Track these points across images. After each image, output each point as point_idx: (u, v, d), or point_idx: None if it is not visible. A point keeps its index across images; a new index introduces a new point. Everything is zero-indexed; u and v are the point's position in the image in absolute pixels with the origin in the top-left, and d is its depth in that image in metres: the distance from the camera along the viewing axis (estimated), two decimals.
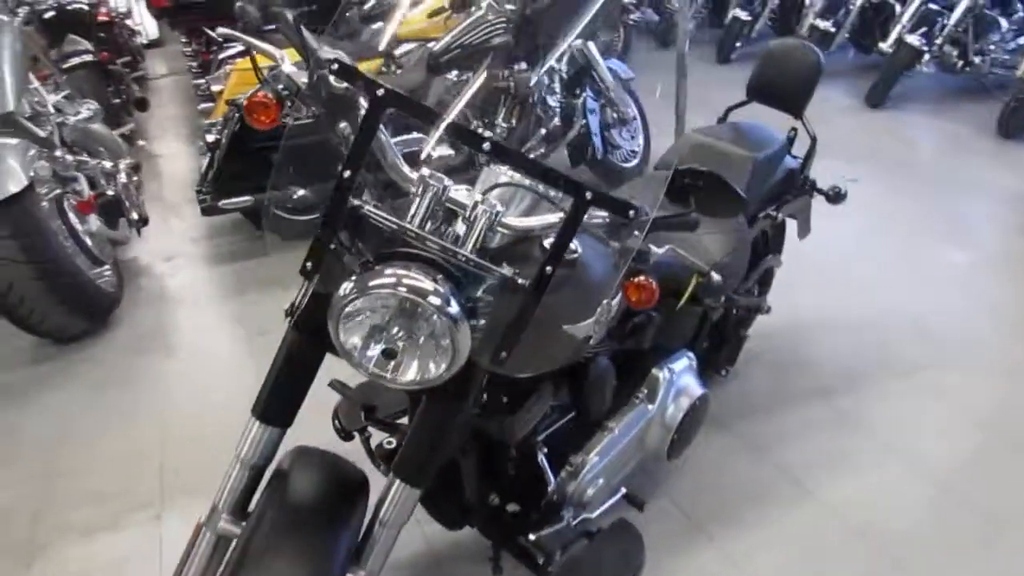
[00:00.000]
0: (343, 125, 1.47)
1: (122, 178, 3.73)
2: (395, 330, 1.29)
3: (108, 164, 3.83)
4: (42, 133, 3.42)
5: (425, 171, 1.41)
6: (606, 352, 1.85)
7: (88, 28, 6.09)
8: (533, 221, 1.41)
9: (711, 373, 2.46)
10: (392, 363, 1.30)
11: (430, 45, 4.14)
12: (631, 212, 1.34)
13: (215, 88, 4.74)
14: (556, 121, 4.23)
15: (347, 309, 1.26)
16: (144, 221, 3.70)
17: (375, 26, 5.14)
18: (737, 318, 2.53)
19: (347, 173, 1.31)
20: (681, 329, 2.17)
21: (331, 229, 1.33)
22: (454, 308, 1.25)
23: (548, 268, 1.31)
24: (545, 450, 1.82)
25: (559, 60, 4.31)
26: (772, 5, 7.23)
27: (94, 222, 3.25)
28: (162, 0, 5.86)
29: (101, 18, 6.54)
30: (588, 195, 1.29)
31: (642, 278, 1.45)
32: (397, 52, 4.49)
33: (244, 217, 4.10)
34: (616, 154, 4.54)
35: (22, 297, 2.86)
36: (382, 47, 4.31)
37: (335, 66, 1.31)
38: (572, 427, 1.90)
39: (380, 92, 1.27)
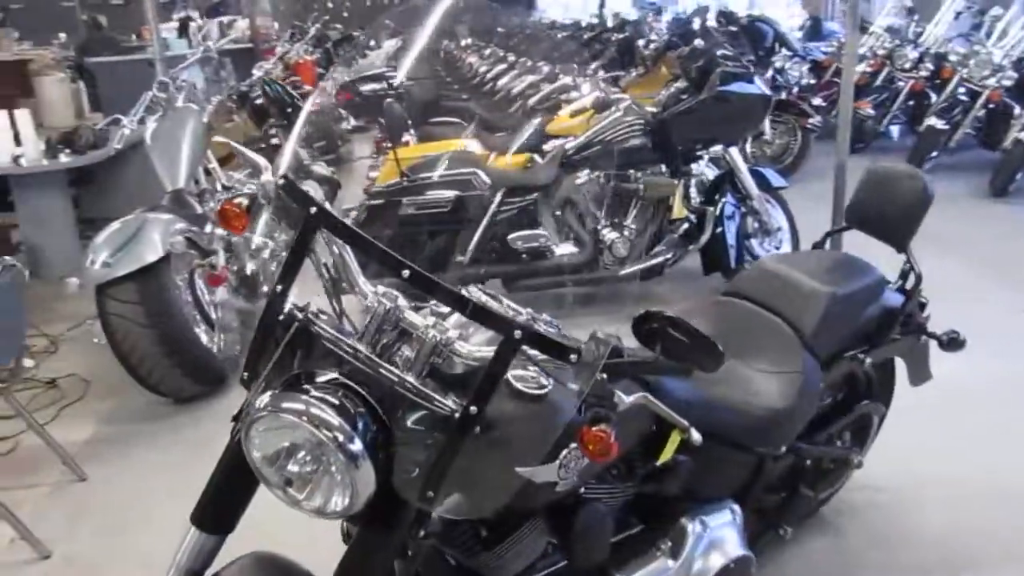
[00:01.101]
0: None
1: (265, 255, 4.03)
2: (302, 454, 1.23)
3: (259, 240, 4.15)
4: (199, 209, 3.79)
5: (380, 288, 1.36)
6: (614, 495, 1.67)
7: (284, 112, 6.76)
8: (488, 351, 1.31)
9: (768, 532, 2.15)
10: (292, 488, 1.24)
11: (566, 142, 4.17)
12: (573, 356, 1.21)
13: (372, 175, 5.05)
14: (686, 226, 4.06)
15: (255, 425, 1.23)
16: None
17: (535, 120, 5.29)
18: (812, 471, 2.21)
19: (279, 288, 1.29)
20: (726, 476, 1.92)
21: (262, 342, 1.31)
22: (356, 446, 1.18)
23: (472, 408, 1.20)
24: None
25: (698, 165, 4.17)
26: (976, 114, 6.60)
27: (221, 294, 3.52)
28: (347, 94, 6.43)
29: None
30: (518, 334, 1.18)
31: (602, 427, 1.29)
32: (545, 147, 4.55)
33: None
34: None
35: (142, 358, 3.13)
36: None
37: (282, 180, 1.31)
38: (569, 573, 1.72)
39: (312, 210, 1.25)
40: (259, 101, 6.93)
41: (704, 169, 4.23)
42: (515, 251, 3.95)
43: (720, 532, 1.83)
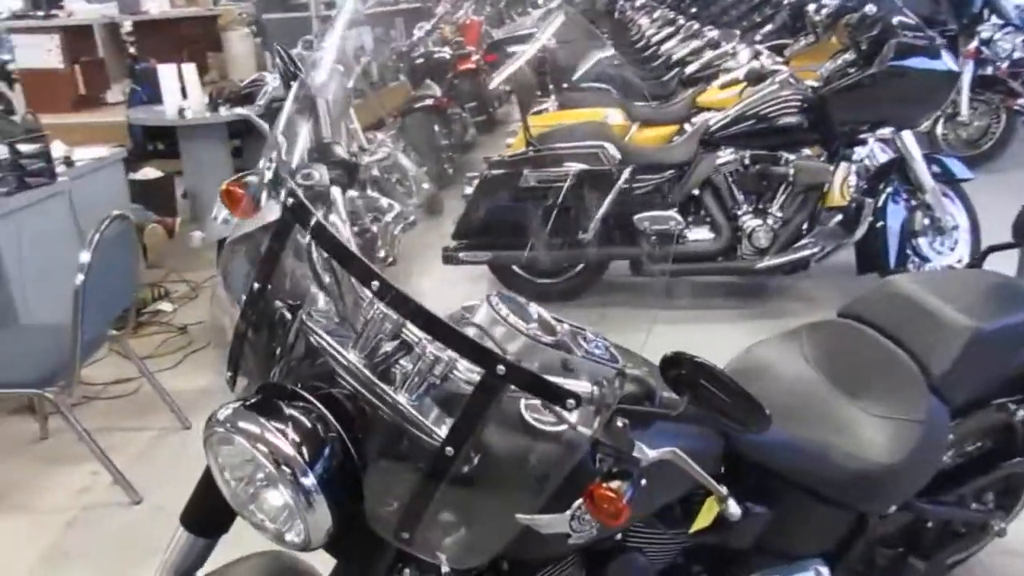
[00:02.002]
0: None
1: (388, 218, 4.00)
2: (260, 475, 1.10)
3: (384, 204, 4.13)
4: None
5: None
6: (663, 544, 1.43)
7: (444, 75, 6.74)
8: None
9: None
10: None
11: (710, 117, 3.81)
12: (571, 402, 0.99)
13: (508, 142, 4.90)
14: (839, 218, 3.60)
15: (211, 438, 1.11)
16: (391, 262, 3.93)
17: (687, 92, 4.92)
18: (936, 535, 1.84)
19: (255, 286, 1.15)
20: (814, 534, 1.62)
21: (242, 340, 1.18)
22: (308, 480, 1.03)
23: (448, 449, 1.02)
24: None
25: (864, 149, 3.68)
26: None
27: None
28: (492, 55, 6.28)
29: (466, 66, 7.20)
30: (500, 370, 0.98)
31: (613, 484, 1.06)
32: (693, 121, 4.22)
33: (492, 272, 4.13)
34: (922, 268, 3.73)
35: None
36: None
37: (270, 166, 1.17)
38: None
39: (289, 202, 1.10)
40: (419, 61, 6.98)
41: (875, 153, 3.73)
42: (643, 233, 3.67)
43: None
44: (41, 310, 3.07)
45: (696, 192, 3.70)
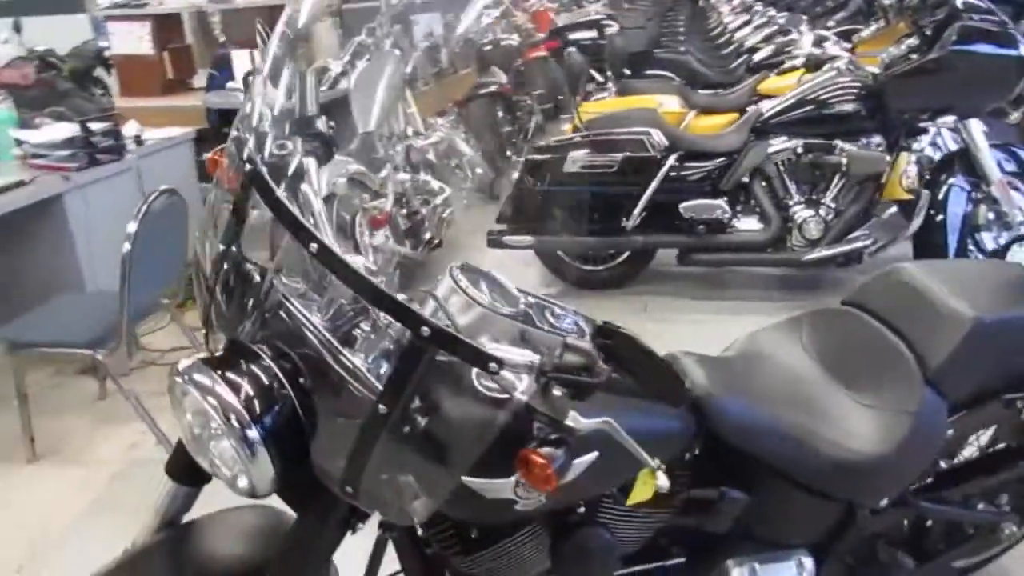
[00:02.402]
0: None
1: (437, 201, 4.08)
2: (213, 426, 1.16)
3: (435, 187, 4.21)
4: (380, 153, 3.91)
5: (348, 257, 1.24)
6: (630, 522, 1.44)
7: (510, 62, 6.77)
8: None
9: None
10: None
11: (762, 104, 3.73)
12: (493, 365, 1.01)
13: (563, 128, 4.90)
14: (892, 210, 3.47)
15: (174, 388, 1.18)
16: (437, 244, 4.00)
17: (750, 79, 4.81)
18: (942, 535, 1.77)
19: (220, 248, 1.22)
20: (797, 523, 1.59)
21: (210, 297, 1.25)
22: (252, 433, 1.09)
23: (381, 407, 1.06)
24: None
25: (926, 137, 3.52)
26: None
27: (380, 237, 3.60)
28: (552, 42, 6.26)
29: (535, 54, 7.21)
30: (425, 331, 1.01)
31: (544, 451, 1.08)
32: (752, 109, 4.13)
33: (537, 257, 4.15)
34: None
35: None
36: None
37: (234, 134, 1.23)
38: None
39: (247, 167, 1.16)
40: (487, 48, 7.03)
41: (944, 142, 3.57)
42: (689, 221, 3.62)
43: None
44: (105, 278, 3.27)
45: (746, 181, 3.62)
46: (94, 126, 3.40)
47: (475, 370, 1.12)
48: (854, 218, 3.51)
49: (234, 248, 1.23)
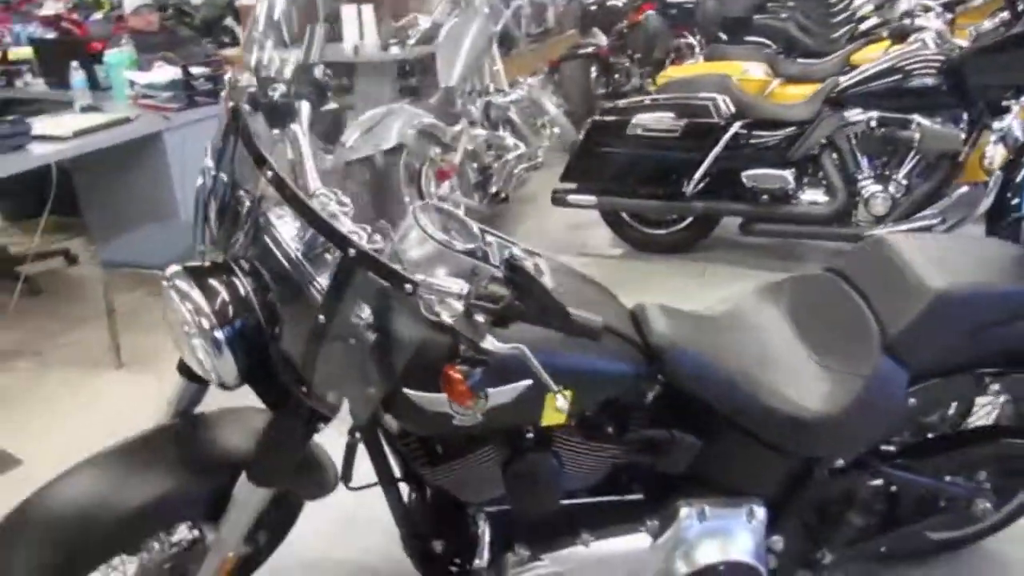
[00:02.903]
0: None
1: (509, 156, 4.21)
2: (188, 325, 1.35)
3: (510, 143, 4.35)
4: (457, 108, 4.08)
5: (321, 191, 1.40)
6: (580, 452, 1.56)
7: (614, 24, 6.75)
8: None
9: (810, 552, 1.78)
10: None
11: (840, 75, 3.63)
12: (408, 287, 1.16)
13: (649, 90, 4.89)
14: (963, 190, 3.33)
15: (164, 290, 1.37)
16: (503, 199, 4.14)
17: (841, 51, 4.66)
18: (914, 505, 1.78)
19: (212, 174, 1.40)
20: (749, 473, 1.64)
21: (204, 217, 1.44)
22: (219, 335, 1.28)
23: (320, 317, 1.23)
24: (487, 520, 1.63)
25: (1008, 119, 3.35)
26: None
27: (445, 188, 3.78)
28: (648, 4, 6.17)
29: (639, 16, 7.15)
30: (352, 252, 1.16)
31: (462, 368, 1.21)
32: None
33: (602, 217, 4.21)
34: None
35: None
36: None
37: (228, 75, 1.40)
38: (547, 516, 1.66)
39: (230, 104, 1.33)
40: (592, 8, 7.04)
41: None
42: (752, 190, 3.61)
43: (722, 529, 1.63)
44: None
45: (816, 152, 3.56)
46: (196, 71, 3.72)
47: (410, 290, 1.26)
48: (924, 196, 3.40)
49: (224, 175, 1.41)
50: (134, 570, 1.61)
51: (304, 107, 1.51)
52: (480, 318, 1.21)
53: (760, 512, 1.66)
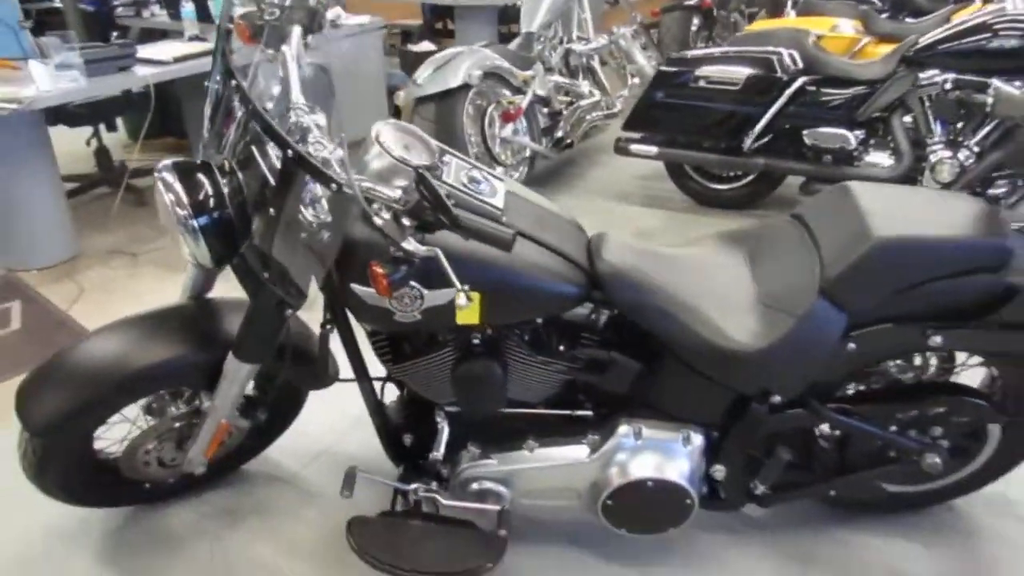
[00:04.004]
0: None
1: (582, 103, 4.28)
2: (169, 212, 1.57)
3: (586, 90, 4.41)
4: (533, 53, 4.18)
5: (303, 107, 1.58)
6: (524, 362, 1.71)
7: None
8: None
9: (747, 483, 1.84)
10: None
11: (921, 34, 3.48)
12: (333, 186, 1.33)
13: None
14: None
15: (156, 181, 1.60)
16: (567, 144, 4.23)
17: (943, 10, 4.41)
18: (866, 453, 1.82)
19: (213, 86, 1.61)
20: (689, 400, 1.73)
21: (211, 121, 1.65)
22: (194, 223, 1.51)
23: (271, 210, 1.43)
24: (446, 419, 1.81)
25: None
26: None
27: (509, 130, 3.89)
28: None
29: None
30: (291, 153, 1.34)
31: (385, 265, 1.37)
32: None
33: (665, 169, 4.22)
34: None
35: None
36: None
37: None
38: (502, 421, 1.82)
39: (216, 22, 1.52)
40: None
41: None
42: (815, 149, 3.55)
43: (656, 448, 1.75)
44: None
45: (886, 113, 3.45)
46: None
47: (335, 188, 1.42)
48: (994, 164, 3.24)
49: (219, 84, 1.62)
50: (149, 425, 1.91)
51: (295, 31, 1.69)
52: (407, 222, 1.38)
53: (697, 439, 1.76)
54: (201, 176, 1.56)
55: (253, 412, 1.99)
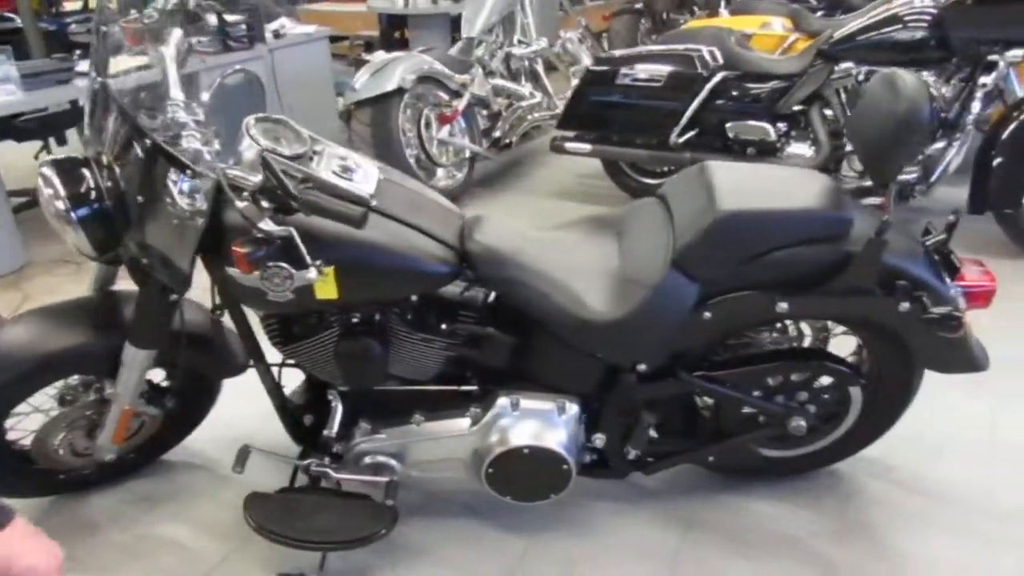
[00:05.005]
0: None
1: (522, 104, 4.40)
2: (48, 205, 1.67)
3: (526, 92, 4.53)
4: (472, 58, 4.30)
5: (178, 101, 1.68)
6: (402, 338, 1.80)
7: None
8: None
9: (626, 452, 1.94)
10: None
11: (835, 29, 3.61)
12: (188, 172, 1.43)
13: None
14: (939, 145, 3.28)
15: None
16: (505, 144, 4.34)
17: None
18: (736, 419, 1.94)
19: (91, 84, 1.71)
20: (561, 371, 1.83)
21: (89, 114, 1.74)
22: (72, 216, 1.61)
23: (139, 197, 1.53)
24: (339, 397, 1.91)
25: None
26: None
27: (445, 132, 4.00)
28: None
29: None
30: (147, 143, 1.44)
31: (243, 244, 1.47)
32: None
33: (603, 166, 4.33)
34: None
35: None
36: None
37: None
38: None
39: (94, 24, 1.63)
40: None
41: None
42: (739, 142, 3.67)
43: (533, 418, 1.85)
44: None
45: (805, 106, 3.57)
46: (231, 18, 4.10)
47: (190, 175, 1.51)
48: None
49: (98, 79, 1.72)
50: (59, 413, 1.99)
51: (175, 33, 1.79)
52: (265, 205, 1.49)
53: (572, 409, 1.86)
54: (82, 171, 1.66)
55: (161, 400, 2.08)
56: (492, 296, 1.84)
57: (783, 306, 1.71)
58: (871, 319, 1.75)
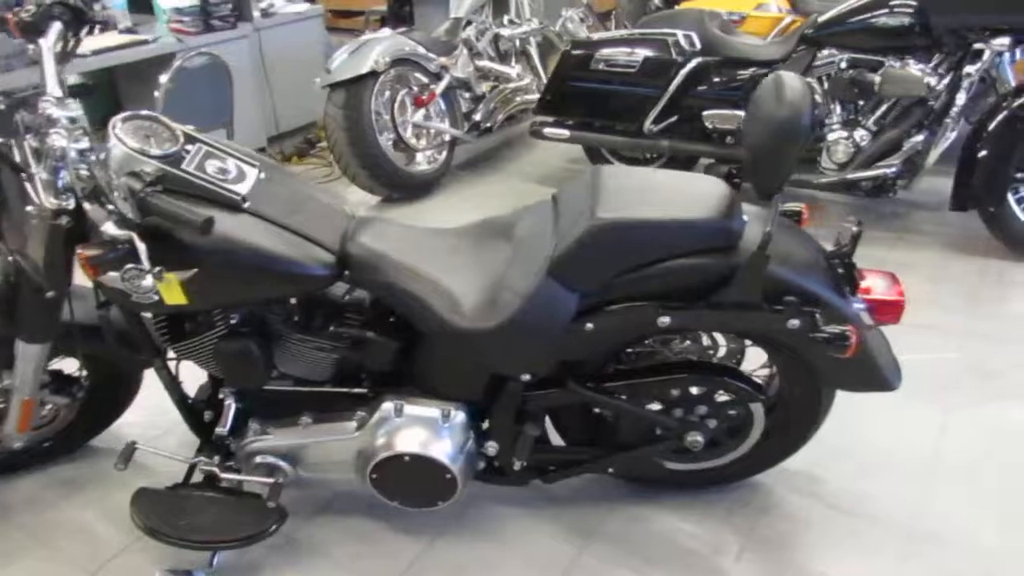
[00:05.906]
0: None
1: (509, 86, 4.31)
2: None
3: (513, 73, 4.44)
4: (456, 38, 4.22)
5: (53, 97, 1.66)
6: (284, 338, 1.78)
7: None
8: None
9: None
10: None
11: (820, 14, 3.44)
12: (23, 175, 1.42)
13: None
14: (919, 138, 3.11)
15: None
16: (486, 128, 4.26)
17: None
18: (635, 431, 1.88)
19: None
20: (447, 378, 1.78)
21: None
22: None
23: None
24: (232, 396, 1.90)
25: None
26: None
27: (420, 115, 3.94)
28: None
29: None
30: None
31: (90, 249, 1.46)
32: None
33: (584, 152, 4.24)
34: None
35: (340, 155, 3.80)
36: None
37: None
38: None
39: None
40: None
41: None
42: (717, 131, 3.54)
43: (417, 425, 1.81)
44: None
45: None
46: None
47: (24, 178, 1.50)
48: (887, 145, 3.21)
49: None
50: None
51: (54, 26, 1.75)
52: (111, 208, 1.47)
53: (459, 416, 1.82)
54: None
55: (69, 390, 2.09)
56: (375, 299, 1.80)
57: (664, 320, 1.63)
58: (764, 335, 1.66)
